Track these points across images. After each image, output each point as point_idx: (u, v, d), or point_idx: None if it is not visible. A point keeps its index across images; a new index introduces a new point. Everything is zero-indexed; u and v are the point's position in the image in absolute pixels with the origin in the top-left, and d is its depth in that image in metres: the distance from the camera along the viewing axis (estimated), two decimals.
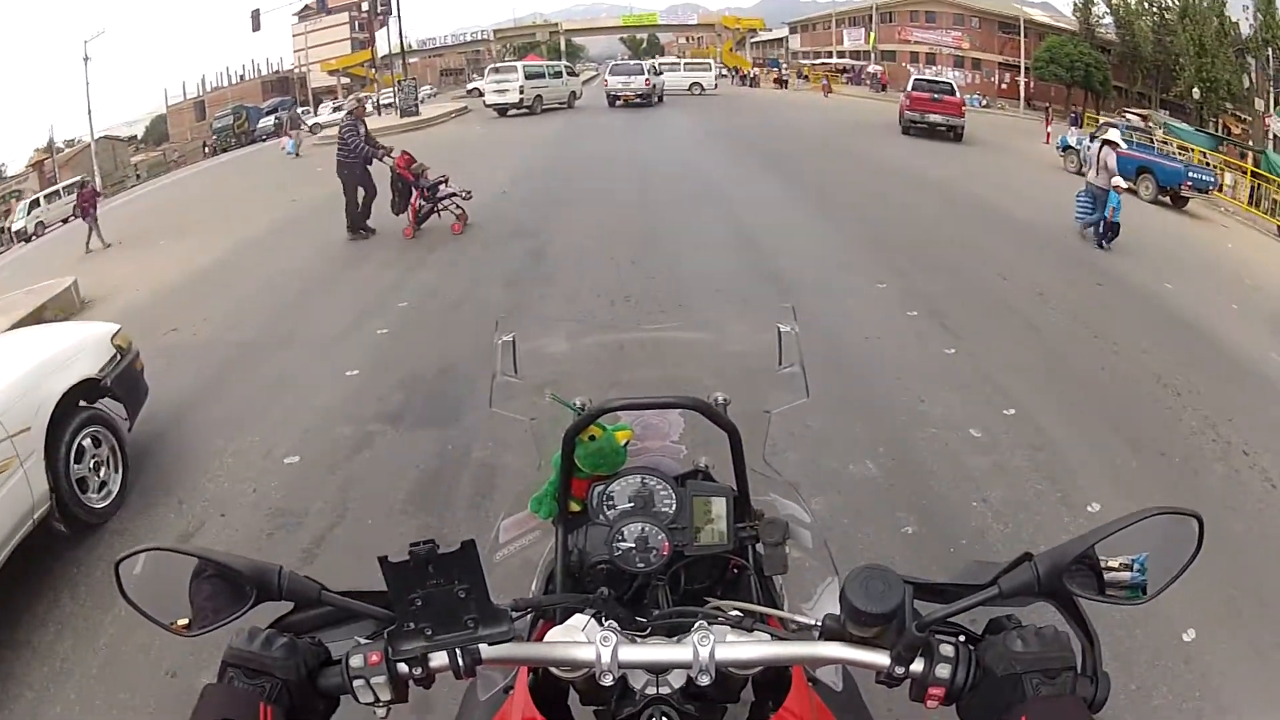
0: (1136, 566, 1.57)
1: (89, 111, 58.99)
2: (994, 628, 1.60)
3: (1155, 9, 50.51)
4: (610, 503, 2.33)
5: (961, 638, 1.59)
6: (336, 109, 60.60)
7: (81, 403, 7.23)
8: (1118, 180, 17.83)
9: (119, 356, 7.75)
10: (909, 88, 36.91)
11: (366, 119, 17.74)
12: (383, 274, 14.82)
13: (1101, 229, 17.62)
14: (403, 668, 1.58)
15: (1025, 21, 57.43)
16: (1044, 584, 1.53)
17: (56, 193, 44.75)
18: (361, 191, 17.46)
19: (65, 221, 38.82)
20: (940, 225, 17.76)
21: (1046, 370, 10.06)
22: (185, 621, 1.63)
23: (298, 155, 37.09)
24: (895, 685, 1.58)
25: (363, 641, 1.62)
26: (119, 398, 7.68)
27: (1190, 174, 24.99)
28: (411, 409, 9.04)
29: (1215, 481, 7.95)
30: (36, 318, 13.49)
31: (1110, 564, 1.57)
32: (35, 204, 42.83)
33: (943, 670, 1.53)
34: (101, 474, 7.15)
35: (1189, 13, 46.41)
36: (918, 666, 1.54)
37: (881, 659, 1.55)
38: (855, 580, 1.52)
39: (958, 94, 36.23)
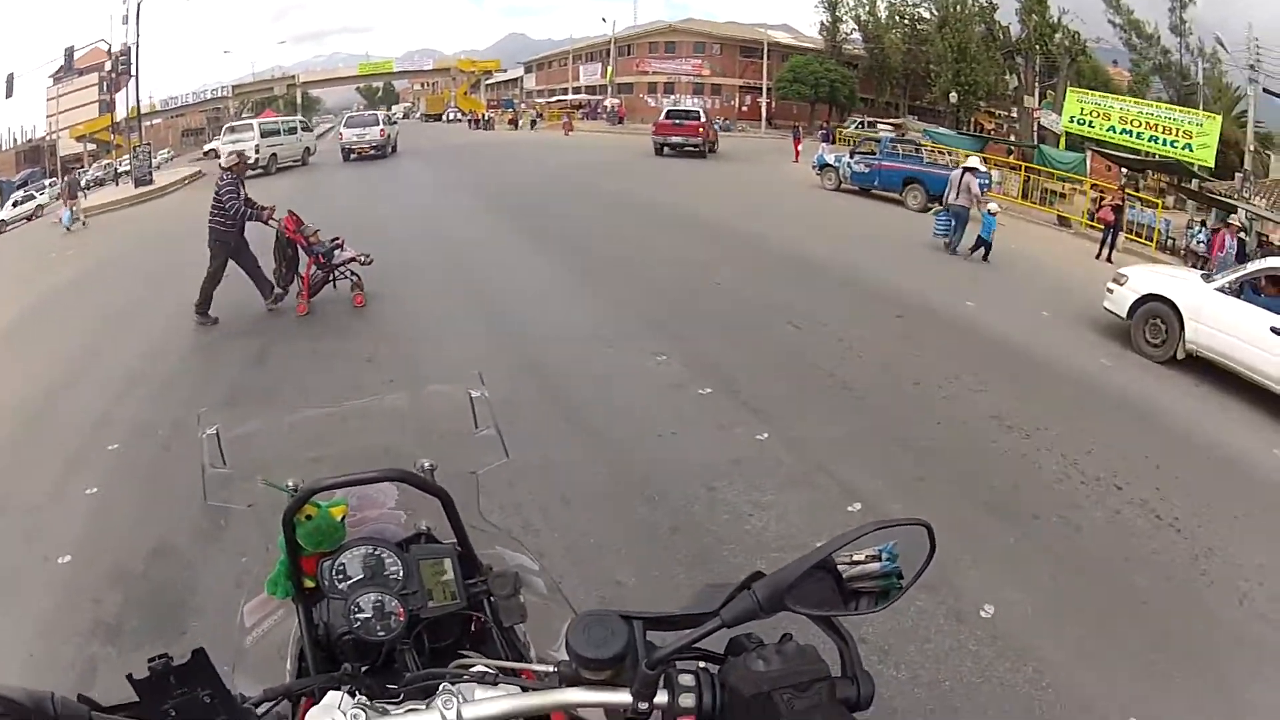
0: (885, 555, 1.59)
1: None
2: (734, 648, 1.60)
3: (906, 21, 52.31)
4: (342, 576, 2.38)
5: (702, 664, 1.61)
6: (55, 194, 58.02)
7: None
8: (993, 205, 20.00)
9: None
10: (661, 118, 41.78)
11: (243, 183, 14.42)
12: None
13: (975, 245, 19.47)
14: None
15: (769, 44, 58.47)
16: (766, 606, 1.53)
17: None
18: (228, 264, 14.22)
19: None
20: (711, 269, 16.37)
21: (881, 443, 8.89)
22: None
23: (70, 230, 31.11)
24: None
25: None
26: None
27: (950, 176, 24.54)
28: None
29: (1100, 532, 7.46)
30: None
31: (855, 559, 1.58)
32: None
33: (686, 700, 1.53)
34: None
35: (949, 21, 48.24)
36: (661, 699, 1.54)
37: (623, 698, 1.56)
38: (577, 629, 1.58)
39: (703, 119, 41.19)
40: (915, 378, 10.59)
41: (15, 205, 46.31)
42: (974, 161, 20.77)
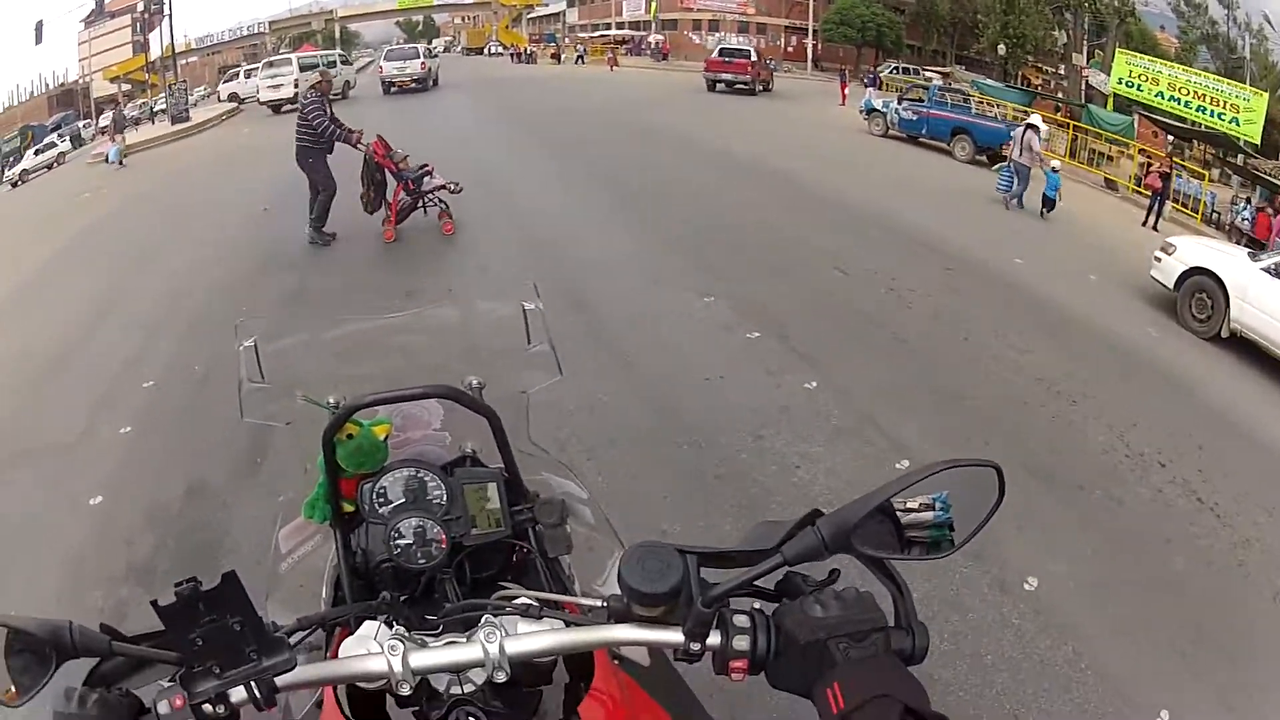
0: (939, 505, 1.54)
1: None
2: (790, 589, 1.58)
3: None
4: (382, 499, 2.30)
5: (757, 604, 1.58)
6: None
7: None
8: (1055, 162, 19.94)
9: None
10: (713, 55, 41.67)
11: (330, 100, 14.60)
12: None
13: (1041, 202, 19.11)
14: (207, 708, 1.50)
15: None
16: (830, 546, 1.48)
17: None
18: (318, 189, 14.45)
19: None
20: (757, 209, 16.01)
21: (930, 397, 8.74)
22: (12, 690, 1.52)
23: (121, 165, 31.82)
24: (695, 660, 1.55)
25: (165, 686, 1.52)
26: None
27: (1011, 132, 24.00)
28: None
29: (1143, 509, 7.27)
30: None
31: (909, 505, 1.54)
32: None
33: (741, 642, 1.49)
34: None
35: None
36: (714, 640, 1.51)
37: (674, 636, 1.52)
38: (631, 560, 1.51)
39: (754, 57, 40.55)
40: (965, 332, 10.41)
41: (36, 154, 46.31)
42: (1035, 119, 20.59)
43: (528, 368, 2.92)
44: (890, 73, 44.11)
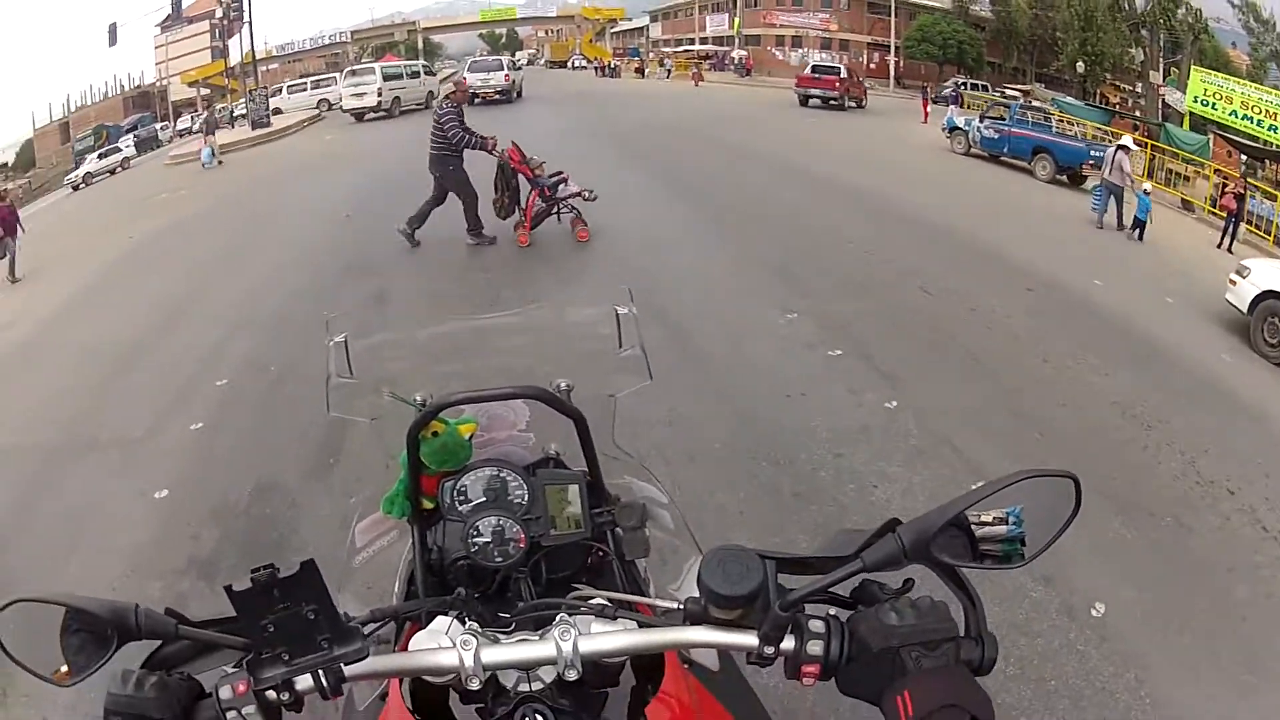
0: (1011, 520, 1.54)
1: None
2: (865, 596, 1.59)
3: None
4: (463, 497, 2.32)
5: (832, 611, 1.58)
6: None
7: None
8: (1146, 185, 19.96)
9: None
10: (805, 72, 42.83)
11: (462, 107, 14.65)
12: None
13: (1131, 225, 19.26)
14: (271, 694, 1.53)
15: (896, 1, 57.36)
16: (910, 554, 1.48)
17: None
18: (455, 197, 14.61)
19: None
20: (840, 225, 15.90)
21: (1006, 419, 8.64)
22: (65, 670, 1.55)
23: (219, 163, 32.60)
24: (767, 665, 1.56)
25: (229, 671, 1.55)
26: None
27: (1092, 152, 24.06)
28: None
29: (1210, 537, 7.14)
30: None
31: (983, 519, 1.54)
32: None
33: (815, 647, 1.51)
34: None
35: None
36: (788, 645, 1.52)
37: (749, 640, 1.52)
38: (712, 562, 1.51)
39: (843, 74, 41.61)
40: (1043, 354, 10.28)
41: (101, 157, 47.05)
42: (1127, 140, 20.74)
43: (617, 371, 2.93)
44: (957, 89, 43.84)
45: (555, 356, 3.04)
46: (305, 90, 56.51)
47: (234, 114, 54.10)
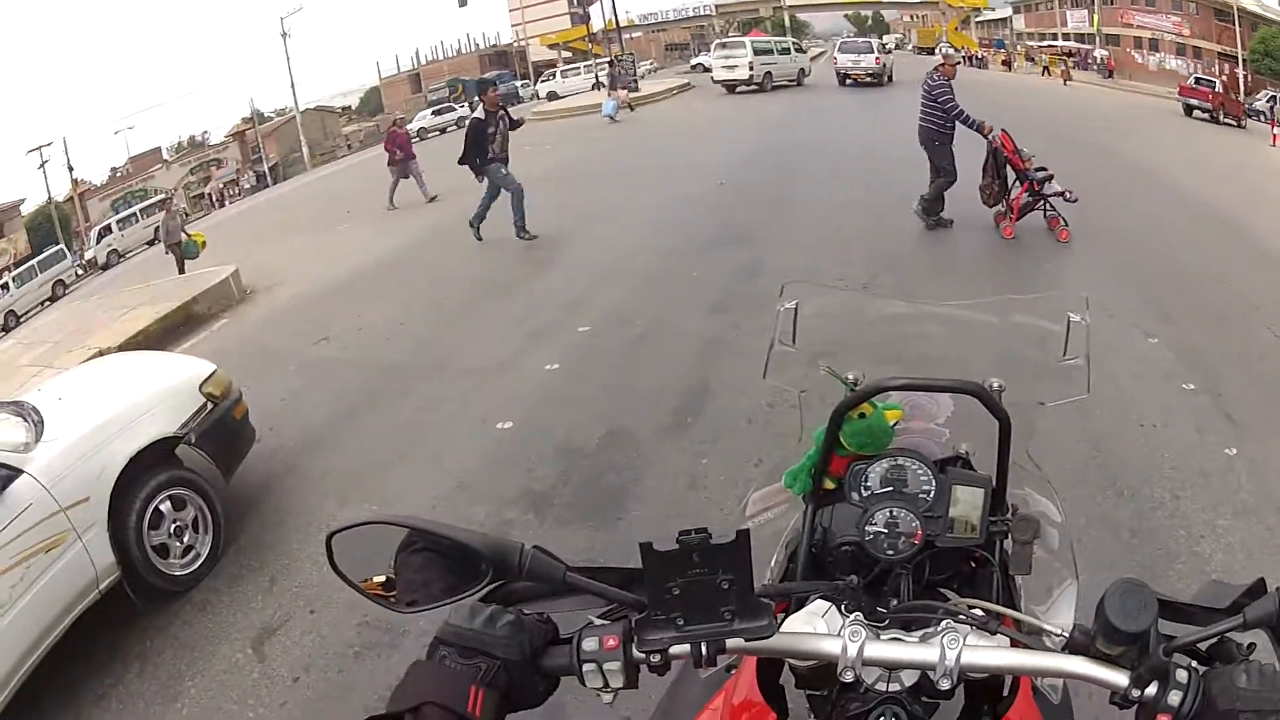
0: None
1: (291, 84, 61.61)
2: (1222, 653, 1.51)
3: None
4: (866, 483, 2.13)
5: (1194, 663, 1.46)
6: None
7: (177, 454, 6.59)
8: None
9: (209, 406, 6.83)
10: (1188, 83, 42.14)
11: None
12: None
13: None
14: (639, 654, 1.48)
15: (1238, 9, 54.44)
16: None
17: (133, 216, 43.92)
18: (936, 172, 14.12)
19: (149, 244, 38.14)
20: (1202, 251, 14.23)
21: None
22: (407, 597, 1.56)
23: (613, 119, 33.77)
24: (1126, 708, 1.46)
25: (598, 623, 1.55)
26: (209, 453, 6.74)
27: None
28: None
29: None
30: (186, 311, 13.15)
31: None
32: (107, 230, 41.72)
33: (1174, 697, 1.39)
34: (185, 538, 6.32)
35: None
36: (1151, 690, 1.41)
37: (1121, 679, 1.43)
38: (1114, 595, 1.41)
39: (1217, 88, 41.33)
40: None
41: (436, 114, 51.94)
42: None
43: (1054, 379, 2.65)
44: (1271, 103, 41.45)
45: (993, 352, 2.91)
46: (579, 74, 59.61)
47: (598, 78, 55.78)
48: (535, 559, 1.52)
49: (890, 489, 2.10)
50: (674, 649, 1.46)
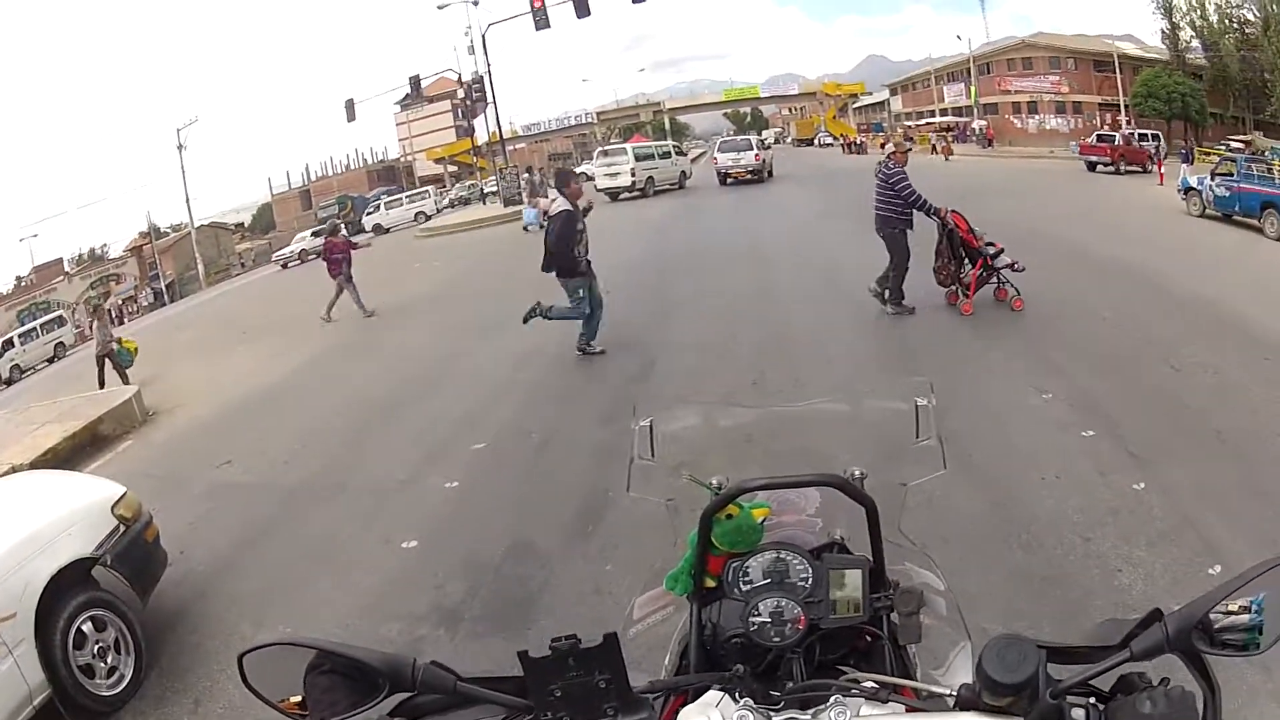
0: (1254, 608, 1.53)
1: (186, 199, 61.61)
2: (1125, 686, 1.57)
3: (1236, 24, 49.38)
4: (746, 578, 2.33)
5: (1092, 699, 1.57)
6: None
7: (95, 572, 6.64)
8: None
9: (121, 529, 6.89)
10: (1090, 140, 44.77)
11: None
12: None
13: None
14: None
15: (1119, 57, 56.15)
16: (1174, 643, 1.52)
17: (33, 332, 43.32)
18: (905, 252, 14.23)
19: (49, 362, 38.65)
20: (1087, 297, 15.03)
21: (1247, 498, 7.76)
22: (316, 715, 1.64)
23: (530, 229, 32.38)
24: None
25: None
26: (124, 575, 6.83)
27: None
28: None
29: None
30: (92, 430, 13.26)
31: (1229, 608, 1.53)
32: (9, 344, 40.92)
33: None
34: (109, 659, 6.36)
35: (1271, 23, 45.27)
36: None
37: None
38: (992, 650, 1.52)
39: (1118, 141, 43.07)
40: (1279, 429, 9.36)
41: (316, 235, 49.64)
42: None
43: (911, 461, 2.98)
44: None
45: (850, 443, 3.15)
46: (401, 205, 61.38)
47: (484, 191, 56.04)
48: (428, 671, 1.64)
49: (769, 580, 2.28)
50: None
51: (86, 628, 6.23)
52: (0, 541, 6.00)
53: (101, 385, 17.62)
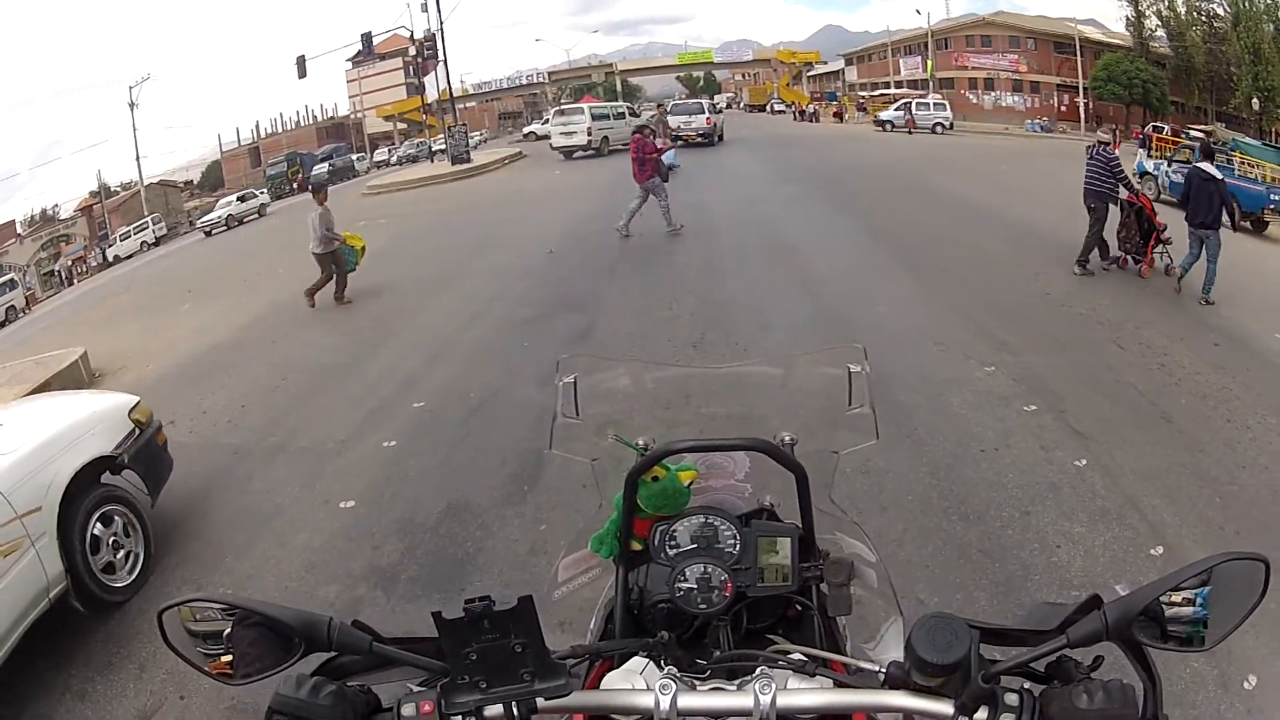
0: (1199, 601, 1.54)
1: (137, 157, 60.28)
2: (1060, 671, 1.59)
3: (1204, 18, 49.47)
4: (673, 542, 2.33)
5: (1026, 684, 1.58)
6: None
7: (105, 475, 7.18)
8: None
9: (137, 432, 7.56)
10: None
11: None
12: None
13: None
14: (456, 718, 1.60)
15: (1080, 40, 56.13)
16: (1112, 632, 1.51)
17: None
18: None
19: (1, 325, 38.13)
20: (1038, 279, 15.44)
21: (1190, 481, 8.05)
22: (234, 670, 1.64)
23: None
24: None
25: (414, 689, 1.65)
26: (139, 474, 7.47)
27: (1272, 196, 23.29)
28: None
29: None
30: (43, 390, 13.07)
31: (1173, 599, 1.54)
32: None
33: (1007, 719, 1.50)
34: (120, 553, 6.94)
35: (1241, 19, 45.32)
36: (981, 715, 1.52)
37: (945, 709, 1.54)
38: (922, 630, 1.52)
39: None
40: (1227, 413, 9.58)
41: (241, 200, 49.79)
42: None
43: (844, 429, 2.94)
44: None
45: (782, 409, 3.10)
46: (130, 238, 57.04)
47: (433, 149, 55.59)
48: (344, 631, 1.63)
49: (696, 546, 2.28)
50: (489, 711, 1.60)
51: (98, 529, 6.70)
52: (28, 440, 6.46)
53: (328, 282, 16.62)
